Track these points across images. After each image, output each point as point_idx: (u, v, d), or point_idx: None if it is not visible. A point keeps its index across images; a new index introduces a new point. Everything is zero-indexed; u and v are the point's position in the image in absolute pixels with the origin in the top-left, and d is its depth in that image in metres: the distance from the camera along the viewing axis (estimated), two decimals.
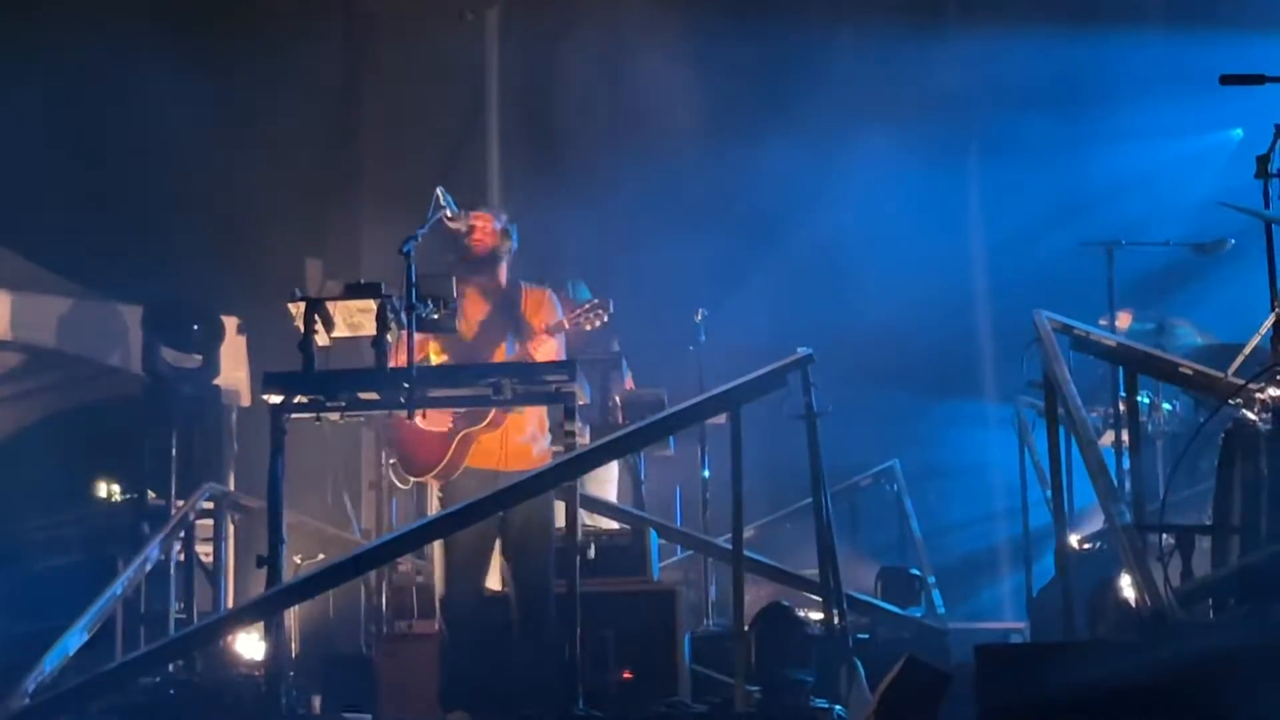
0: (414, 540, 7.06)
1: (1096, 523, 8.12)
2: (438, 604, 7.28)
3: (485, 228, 7.39)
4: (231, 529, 9.15)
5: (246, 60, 11.07)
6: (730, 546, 6.89)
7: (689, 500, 9.76)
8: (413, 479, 7.43)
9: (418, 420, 7.05)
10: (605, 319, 7.14)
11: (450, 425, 7.16)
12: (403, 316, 6.76)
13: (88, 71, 10.54)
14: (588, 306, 7.21)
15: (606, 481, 9.06)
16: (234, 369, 10.66)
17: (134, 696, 7.50)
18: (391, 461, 7.40)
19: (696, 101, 11.83)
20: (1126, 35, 11.42)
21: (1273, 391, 5.72)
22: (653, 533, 7.96)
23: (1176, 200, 10.75)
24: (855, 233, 11.47)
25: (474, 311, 7.32)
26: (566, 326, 7.21)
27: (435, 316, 6.83)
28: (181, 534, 8.70)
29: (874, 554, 10.13)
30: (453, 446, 7.13)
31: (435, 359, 7.30)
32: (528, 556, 7.13)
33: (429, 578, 7.89)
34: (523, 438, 7.29)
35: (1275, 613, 5.20)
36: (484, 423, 7.12)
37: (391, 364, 6.80)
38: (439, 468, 7.18)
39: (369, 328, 6.82)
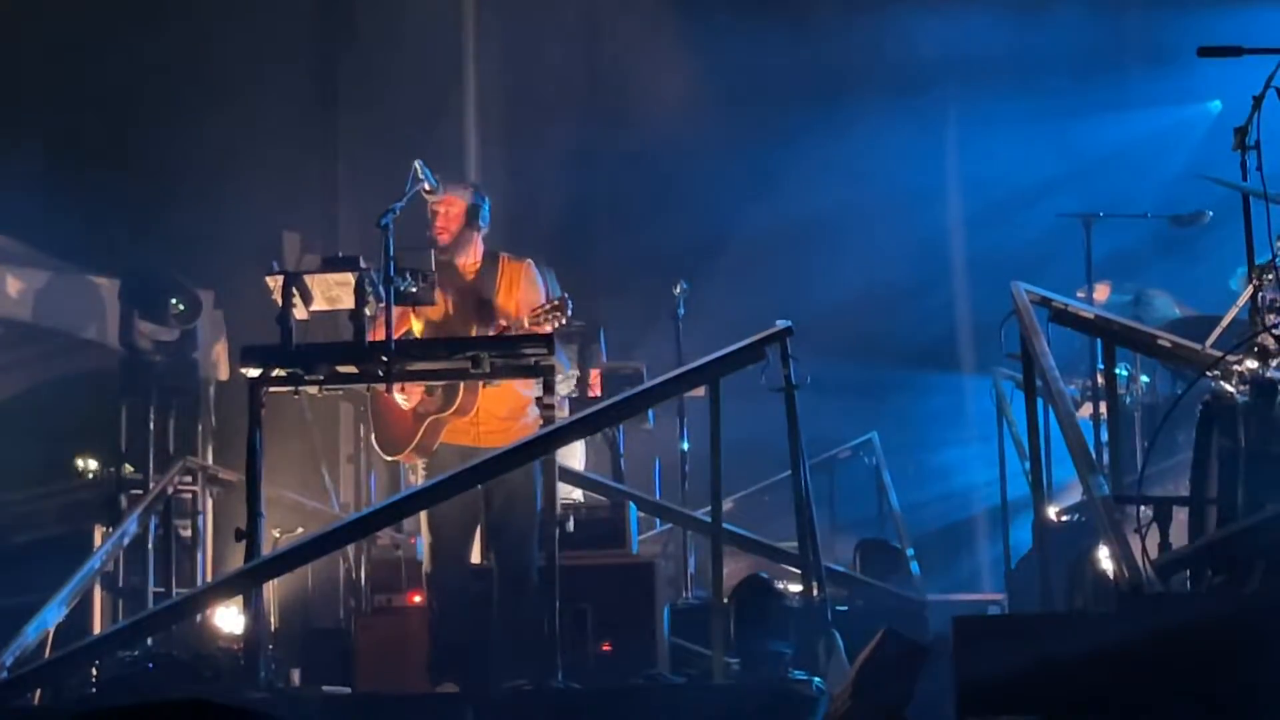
0: (393, 514, 7.07)
1: (1074, 495, 8.15)
2: (424, 578, 7.28)
3: (450, 213, 7.28)
4: (209, 503, 9.13)
5: (223, 31, 11.01)
6: (709, 519, 6.90)
7: (668, 473, 9.77)
8: (387, 457, 7.43)
9: (395, 394, 7.03)
10: (564, 320, 7.01)
11: (419, 402, 7.11)
12: (381, 290, 6.74)
13: (61, 44, 10.47)
14: (548, 306, 7.03)
15: (570, 455, 9.05)
16: (211, 343, 10.62)
17: (112, 670, 7.50)
18: (372, 435, 7.39)
19: (675, 73, 11.81)
20: (1104, 7, 11.42)
21: (1250, 364, 5.73)
22: (631, 505, 7.96)
23: (1154, 173, 10.78)
24: (834, 205, 11.46)
25: (443, 290, 7.22)
26: (526, 327, 7.06)
27: (414, 289, 6.81)
28: (159, 508, 8.67)
29: (852, 526, 10.15)
30: (422, 429, 7.10)
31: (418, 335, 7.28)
32: (511, 531, 7.13)
33: (408, 551, 7.89)
34: (501, 415, 7.24)
35: (1251, 584, 5.22)
36: (451, 410, 7.06)
37: (370, 338, 6.78)
38: (409, 449, 7.16)
39: (347, 301, 6.80)
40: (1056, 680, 4.60)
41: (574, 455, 8.97)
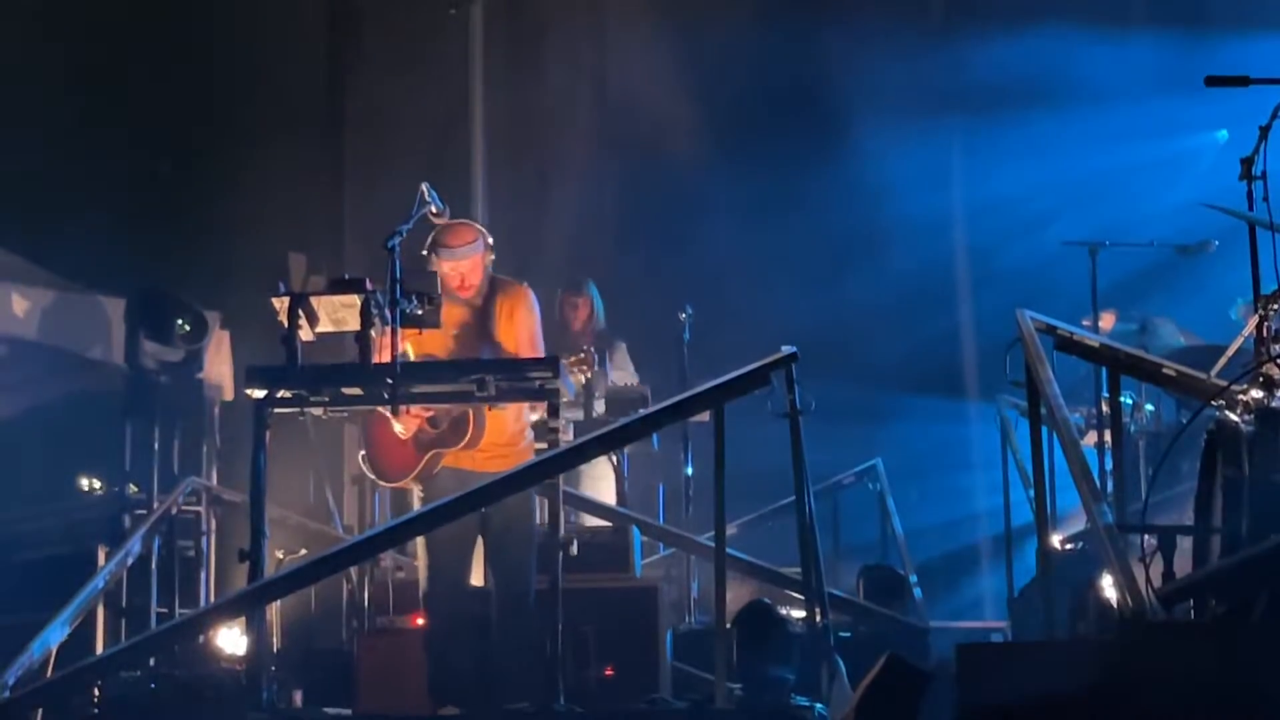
0: (395, 537, 7.06)
1: (1078, 523, 8.14)
2: (421, 600, 7.27)
3: (474, 271, 7.16)
4: (213, 523, 9.13)
5: (230, 53, 11.05)
6: (712, 544, 6.89)
7: (672, 497, 9.76)
8: (384, 484, 7.40)
9: (395, 424, 7.01)
10: (590, 374, 7.05)
11: (420, 431, 7.07)
12: (387, 312, 6.74)
13: (70, 66, 10.51)
14: (578, 359, 7.11)
15: (599, 479, 9.06)
16: (217, 363, 10.63)
17: (115, 690, 7.49)
18: (362, 454, 7.33)
19: (680, 97, 11.83)
20: (1112, 35, 11.44)
21: (1255, 393, 5.73)
22: (635, 529, 7.95)
23: (1161, 201, 10.77)
24: (840, 231, 11.48)
25: (447, 322, 7.17)
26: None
27: (419, 312, 6.81)
28: (163, 528, 8.68)
29: (856, 552, 10.13)
30: (423, 461, 7.05)
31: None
32: (507, 553, 7.11)
33: (410, 573, 7.88)
34: (502, 441, 7.21)
35: (1255, 614, 5.21)
36: (461, 444, 7.00)
37: (375, 359, 6.78)
38: (410, 477, 7.12)
39: (353, 323, 6.80)
40: (1059, 708, 4.59)
41: (604, 477, 9.00)
